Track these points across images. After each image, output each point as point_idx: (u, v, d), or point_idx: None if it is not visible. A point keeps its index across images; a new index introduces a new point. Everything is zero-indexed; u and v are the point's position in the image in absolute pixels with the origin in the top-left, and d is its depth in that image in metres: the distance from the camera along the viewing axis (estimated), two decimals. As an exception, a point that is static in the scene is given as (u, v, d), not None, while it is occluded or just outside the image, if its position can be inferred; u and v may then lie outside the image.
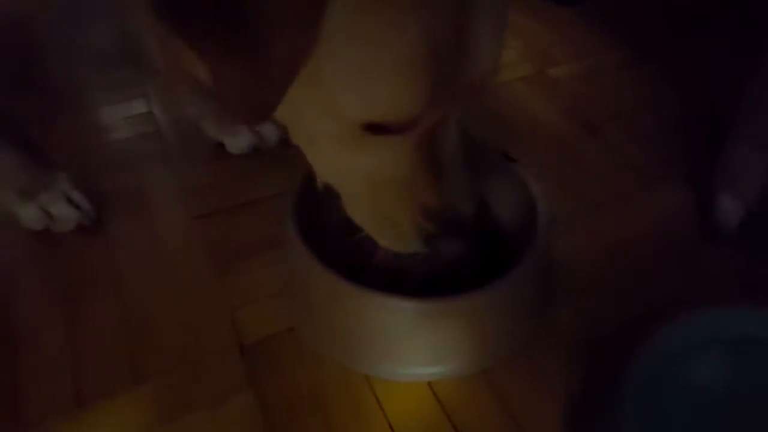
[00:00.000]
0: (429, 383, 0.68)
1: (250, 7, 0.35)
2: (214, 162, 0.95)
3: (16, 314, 0.74)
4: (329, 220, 0.79)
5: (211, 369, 0.69)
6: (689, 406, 0.58)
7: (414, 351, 0.67)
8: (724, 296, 0.77)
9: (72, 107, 1.05)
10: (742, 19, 1.18)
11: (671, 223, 0.87)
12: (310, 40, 0.39)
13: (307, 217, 0.72)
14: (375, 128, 0.46)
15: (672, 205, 0.90)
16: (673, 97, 1.11)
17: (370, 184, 0.52)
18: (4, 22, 0.77)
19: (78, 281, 0.78)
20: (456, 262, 0.72)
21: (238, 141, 0.95)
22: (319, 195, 0.75)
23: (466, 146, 0.51)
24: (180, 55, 0.47)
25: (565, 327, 0.74)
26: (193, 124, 0.96)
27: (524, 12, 1.33)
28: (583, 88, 1.12)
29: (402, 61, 0.41)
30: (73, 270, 0.80)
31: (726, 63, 1.11)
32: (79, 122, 1.02)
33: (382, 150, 0.49)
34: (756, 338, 0.63)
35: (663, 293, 0.78)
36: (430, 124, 0.48)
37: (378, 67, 0.41)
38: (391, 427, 0.65)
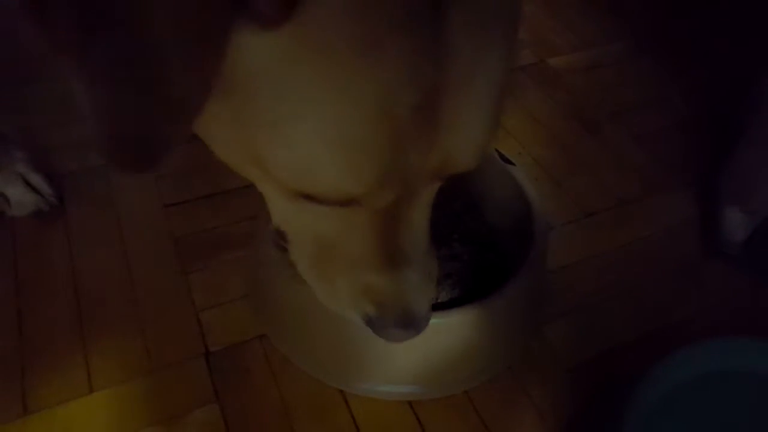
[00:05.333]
0: (409, 402, 0.63)
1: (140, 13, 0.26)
2: (187, 145, 0.87)
3: (-40, 309, 0.68)
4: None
5: (173, 378, 0.63)
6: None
7: (394, 368, 0.62)
8: (724, 319, 0.72)
9: (35, 75, 0.97)
10: (756, 11, 1.12)
11: (673, 235, 0.82)
12: (207, 69, 0.30)
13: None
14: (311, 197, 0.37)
15: (674, 214, 0.85)
16: (680, 93, 1.05)
17: (316, 239, 0.43)
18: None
19: (32, 273, 0.72)
20: (447, 273, 0.67)
21: (215, 124, 0.87)
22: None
23: (430, 232, 0.43)
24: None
25: (556, 346, 0.69)
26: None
27: (525, -5, 1.26)
28: (585, 82, 1.06)
29: (340, 135, 0.32)
30: (27, 260, 0.73)
31: (739, 59, 1.05)
32: (43, 93, 0.94)
33: (324, 217, 0.40)
34: (761, 371, 0.58)
35: (660, 312, 0.74)
36: (383, 205, 0.38)
37: (308, 136, 0.32)
38: (366, 448, 0.60)
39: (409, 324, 0.44)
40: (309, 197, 0.37)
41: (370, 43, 0.30)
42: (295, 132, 0.33)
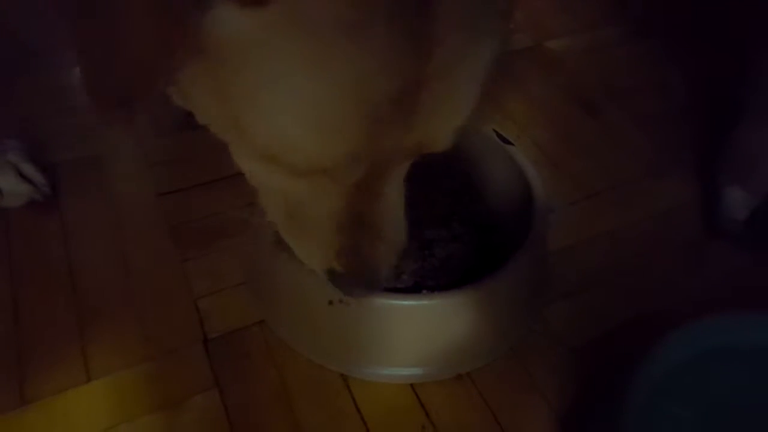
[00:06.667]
0: (411, 385, 0.62)
1: None
2: (182, 133, 0.87)
3: (-45, 299, 0.67)
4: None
5: (172, 365, 0.63)
6: (697, 420, 0.53)
7: (395, 350, 0.61)
8: (726, 297, 0.72)
9: (30, 67, 0.96)
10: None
11: (674, 216, 0.82)
12: (174, 42, 0.31)
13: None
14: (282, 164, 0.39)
15: (675, 195, 0.85)
16: (680, 76, 1.05)
17: (287, 200, 0.45)
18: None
19: (27, 263, 0.71)
20: (447, 255, 0.66)
21: (210, 111, 0.86)
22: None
23: (404, 203, 0.45)
24: None
25: (558, 327, 0.68)
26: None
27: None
28: (584, 64, 1.05)
29: (312, 111, 0.33)
30: (22, 250, 0.72)
31: (739, 41, 1.05)
32: (37, 84, 0.93)
33: (296, 182, 0.41)
34: (763, 345, 0.58)
35: (663, 292, 0.73)
36: (352, 179, 0.40)
37: (283, 108, 0.33)
38: (368, 431, 0.59)
39: (366, 285, 0.47)
40: (281, 163, 0.38)
41: (355, 26, 0.30)
42: (271, 102, 0.33)
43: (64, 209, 0.77)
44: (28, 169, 0.76)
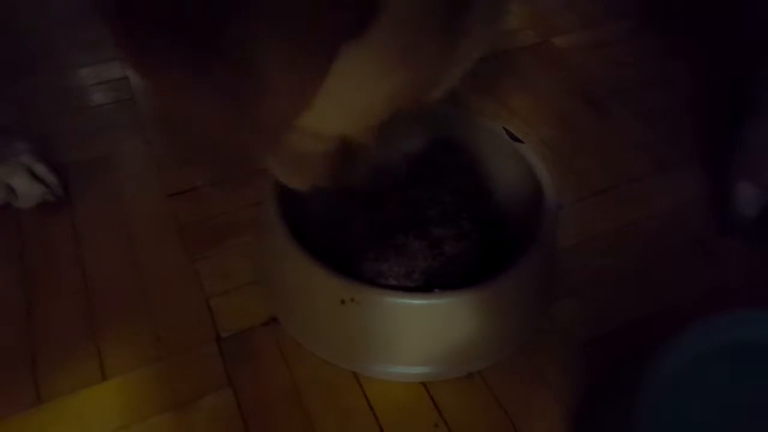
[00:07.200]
0: (423, 383, 0.63)
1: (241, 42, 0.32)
2: (188, 134, 0.87)
3: (-31, 300, 0.68)
4: (315, 208, 0.72)
5: (184, 364, 0.63)
6: (708, 419, 0.53)
7: (406, 349, 0.61)
8: (737, 295, 0.72)
9: (37, 68, 0.97)
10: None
11: (682, 213, 0.82)
12: (314, 88, 0.37)
13: (290, 200, 0.65)
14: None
15: (684, 192, 0.84)
16: (688, 72, 1.04)
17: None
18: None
19: (39, 263, 0.72)
20: (456, 253, 0.66)
21: (218, 111, 0.87)
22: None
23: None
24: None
25: (567, 324, 0.68)
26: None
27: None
28: (590, 61, 1.05)
29: (370, 101, 0.42)
30: (33, 251, 0.73)
31: (747, 34, 1.04)
32: (46, 85, 0.94)
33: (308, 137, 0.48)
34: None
35: (672, 289, 0.73)
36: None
37: (342, 100, 0.41)
38: (381, 429, 0.60)
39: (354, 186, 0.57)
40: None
41: (412, 47, 0.38)
42: (345, 96, 0.40)
43: (74, 210, 0.77)
44: (41, 169, 0.76)
